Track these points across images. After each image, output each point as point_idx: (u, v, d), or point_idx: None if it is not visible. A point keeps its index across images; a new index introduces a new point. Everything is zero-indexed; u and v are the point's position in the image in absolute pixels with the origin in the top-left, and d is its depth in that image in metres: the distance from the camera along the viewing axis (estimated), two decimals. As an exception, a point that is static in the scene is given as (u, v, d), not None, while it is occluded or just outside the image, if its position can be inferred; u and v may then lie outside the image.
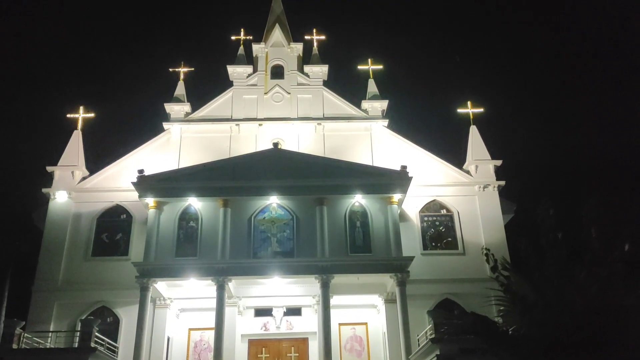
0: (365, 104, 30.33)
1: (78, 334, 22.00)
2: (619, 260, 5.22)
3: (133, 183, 24.64)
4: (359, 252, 24.05)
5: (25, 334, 18.97)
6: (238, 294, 24.99)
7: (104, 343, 19.94)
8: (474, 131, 29.94)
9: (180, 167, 27.39)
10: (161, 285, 24.02)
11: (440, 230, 27.41)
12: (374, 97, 30.60)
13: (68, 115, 30.06)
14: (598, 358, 4.39)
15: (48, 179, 28.16)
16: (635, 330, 4.85)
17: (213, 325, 22.68)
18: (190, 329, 25.82)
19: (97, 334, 19.01)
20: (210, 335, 23.83)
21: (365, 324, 26.30)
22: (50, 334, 22.43)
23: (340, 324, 25.75)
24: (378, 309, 26.07)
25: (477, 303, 14.80)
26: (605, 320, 4.55)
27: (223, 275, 23.03)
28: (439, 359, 17.53)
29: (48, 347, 20.69)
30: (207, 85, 32.92)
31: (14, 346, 17.71)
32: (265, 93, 30.50)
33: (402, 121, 33.89)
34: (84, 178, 28.31)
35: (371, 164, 27.37)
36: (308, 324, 25.51)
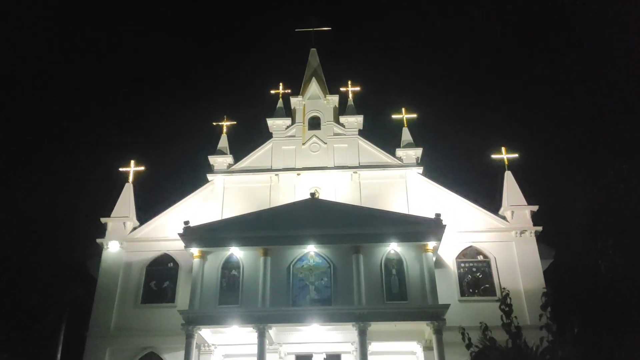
0: (399, 152, 31.17)
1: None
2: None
3: (179, 234, 26.06)
4: (395, 299, 24.46)
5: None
6: (279, 340, 25.75)
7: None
8: (508, 176, 30.21)
9: (223, 216, 28.78)
10: (205, 332, 25.04)
11: (477, 276, 27.57)
12: (408, 145, 31.42)
13: (120, 169, 32.12)
14: None
15: (101, 230, 30.00)
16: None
17: (255, 371, 23.44)
18: (233, 375, 26.64)
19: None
20: (253, 381, 24.51)
21: (405, 370, 26.46)
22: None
23: (380, 370, 26.04)
24: (417, 356, 26.20)
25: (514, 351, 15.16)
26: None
27: (264, 323, 23.90)
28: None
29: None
30: (248, 138, 34.58)
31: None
32: (303, 144, 31.80)
33: (437, 168, 34.43)
34: (134, 228, 29.99)
35: (406, 212, 27.96)
36: (348, 370, 25.90)
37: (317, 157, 31.36)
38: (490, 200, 30.30)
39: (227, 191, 30.56)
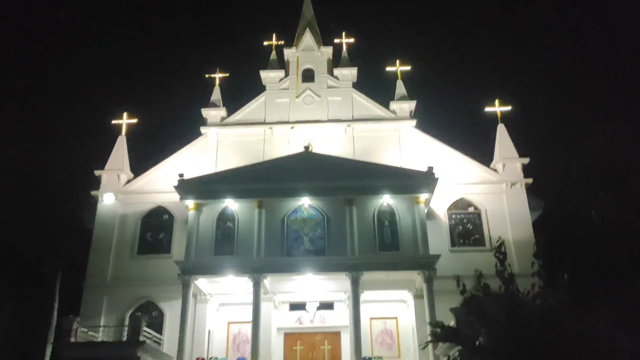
0: (393, 105, 31.14)
1: (127, 328, 23.94)
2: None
3: (174, 186, 26.23)
4: (387, 250, 25.03)
5: (81, 328, 20.73)
6: (273, 289, 26.38)
7: (151, 336, 21.60)
8: (501, 129, 30.41)
9: (217, 169, 28.90)
10: (201, 282, 25.61)
11: (467, 227, 28.14)
12: (402, 98, 31.36)
13: (113, 122, 31.94)
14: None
15: (96, 182, 30.13)
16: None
17: (250, 319, 24.12)
18: (229, 323, 27.39)
19: (144, 328, 20.63)
20: (247, 329, 25.23)
21: (396, 318, 27.32)
22: (103, 327, 24.27)
23: (371, 318, 26.89)
24: (408, 304, 27.02)
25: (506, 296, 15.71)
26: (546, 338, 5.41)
27: (259, 273, 24.45)
28: (460, 353, 18.39)
29: (101, 340, 22.52)
30: (242, 90, 34.29)
31: (72, 340, 19.51)
32: (297, 96, 31.65)
33: (431, 121, 34.55)
34: (128, 181, 30.14)
35: (399, 165, 28.19)
36: (340, 318, 26.68)
37: (310, 110, 31.29)
38: (483, 152, 30.63)
39: (220, 144, 30.57)
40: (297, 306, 27.44)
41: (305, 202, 26.07)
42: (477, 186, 28.83)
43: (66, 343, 19.29)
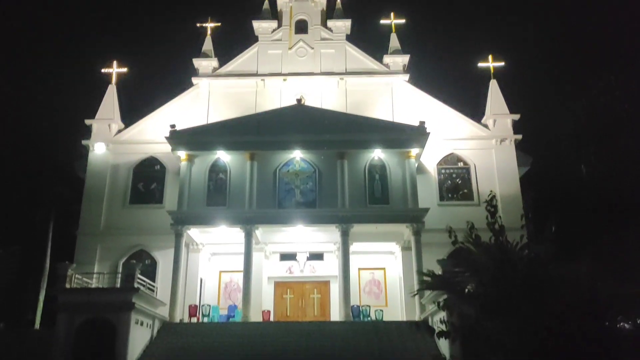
0: (387, 59, 30.96)
1: (120, 275, 24.43)
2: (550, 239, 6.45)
3: (166, 137, 26.22)
4: (377, 203, 25.50)
5: (76, 275, 21.14)
6: (264, 240, 26.90)
7: (144, 283, 22.08)
8: (493, 85, 30.48)
9: (208, 120, 28.86)
10: (194, 232, 26.02)
11: (456, 182, 28.58)
12: (396, 52, 31.15)
13: (103, 70, 31.50)
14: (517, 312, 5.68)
15: (86, 131, 29.99)
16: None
17: (242, 268, 24.72)
18: (220, 271, 28.05)
19: (138, 275, 21.07)
20: (239, 277, 25.87)
21: (384, 269, 28.13)
22: (97, 274, 24.74)
23: (360, 269, 27.62)
24: (395, 256, 27.76)
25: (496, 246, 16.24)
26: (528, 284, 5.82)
27: (250, 224, 24.87)
28: (447, 301, 19.08)
29: (96, 286, 23.03)
30: (234, 40, 33.77)
31: (67, 286, 19.93)
32: (290, 48, 31.30)
33: (424, 76, 34.37)
34: (119, 131, 30.03)
35: (391, 119, 28.34)
36: (330, 268, 27.39)
37: (303, 62, 31.01)
38: (475, 108, 30.81)
39: (212, 95, 30.38)
40: (287, 256, 28.10)
41: (297, 155, 26.28)
42: (467, 142, 29.11)
43: (62, 289, 19.69)
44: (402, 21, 32.30)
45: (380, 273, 28.21)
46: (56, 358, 18.62)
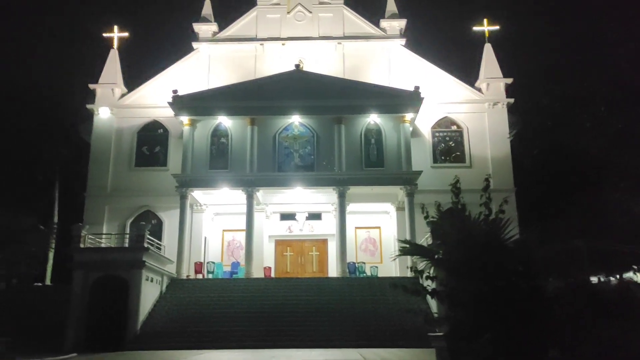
0: (383, 23, 31.38)
1: (128, 235, 25.84)
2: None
3: (169, 103, 27.08)
4: (373, 166, 26.66)
5: (88, 235, 22.46)
6: (265, 201, 28.19)
7: (153, 242, 23.41)
8: (488, 49, 31.05)
9: (209, 85, 29.56)
10: (197, 194, 27.26)
11: (449, 145, 29.59)
12: (393, 16, 31.51)
13: (104, 34, 32.01)
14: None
15: (90, 96, 30.77)
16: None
17: (244, 226, 26.11)
18: (224, 230, 29.49)
19: (147, 235, 22.38)
20: (241, 236, 27.32)
21: (379, 228, 29.56)
22: (107, 235, 26.11)
23: (356, 228, 29.07)
24: (390, 215, 29.10)
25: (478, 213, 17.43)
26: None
27: (252, 186, 26.10)
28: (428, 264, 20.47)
29: (107, 246, 24.43)
30: (233, 4, 33.99)
31: (81, 246, 21.25)
32: (288, 12, 31.63)
33: (420, 40, 34.74)
34: (122, 95, 30.80)
35: (387, 84, 29.01)
36: (327, 227, 28.79)
37: (302, 26, 31.44)
38: (469, 72, 31.42)
39: (212, 60, 30.97)
40: (287, 216, 29.47)
41: (296, 120, 27.23)
42: (461, 105, 29.94)
43: (77, 248, 21.00)
44: (399, -16, 32.48)
45: (375, 232, 29.65)
46: (74, 312, 20.12)
